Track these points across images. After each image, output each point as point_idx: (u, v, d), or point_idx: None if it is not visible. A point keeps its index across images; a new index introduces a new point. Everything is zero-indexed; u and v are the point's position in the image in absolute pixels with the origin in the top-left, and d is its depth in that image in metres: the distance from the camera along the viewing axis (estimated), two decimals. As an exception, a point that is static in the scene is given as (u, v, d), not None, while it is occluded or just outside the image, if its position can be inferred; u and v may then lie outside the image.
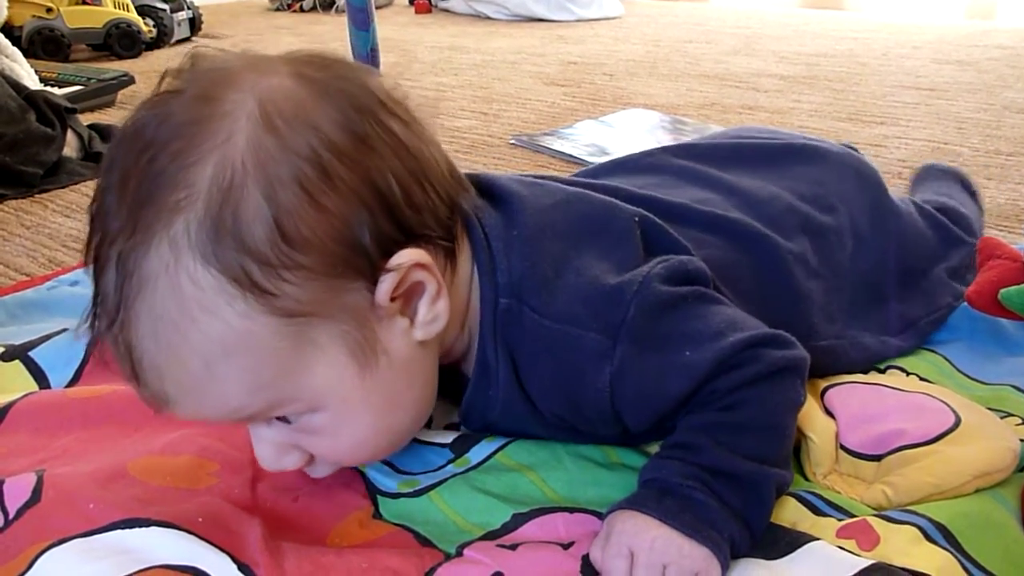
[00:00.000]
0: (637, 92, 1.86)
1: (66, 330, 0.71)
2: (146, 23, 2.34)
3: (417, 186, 0.47)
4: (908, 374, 0.68)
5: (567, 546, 0.50)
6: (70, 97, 1.54)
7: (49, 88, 1.55)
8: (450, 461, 0.56)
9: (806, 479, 0.57)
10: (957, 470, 0.53)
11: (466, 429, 0.59)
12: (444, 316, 0.49)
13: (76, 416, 0.61)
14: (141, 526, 0.48)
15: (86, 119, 1.51)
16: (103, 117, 1.67)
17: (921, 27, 2.61)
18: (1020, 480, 0.55)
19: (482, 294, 0.53)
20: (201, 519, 0.49)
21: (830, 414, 0.59)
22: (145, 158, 0.43)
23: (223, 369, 0.44)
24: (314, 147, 0.44)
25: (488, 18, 2.94)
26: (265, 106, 0.44)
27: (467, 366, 0.55)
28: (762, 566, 0.48)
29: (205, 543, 0.47)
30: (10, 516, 0.50)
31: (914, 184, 0.97)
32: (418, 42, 2.52)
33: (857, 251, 0.70)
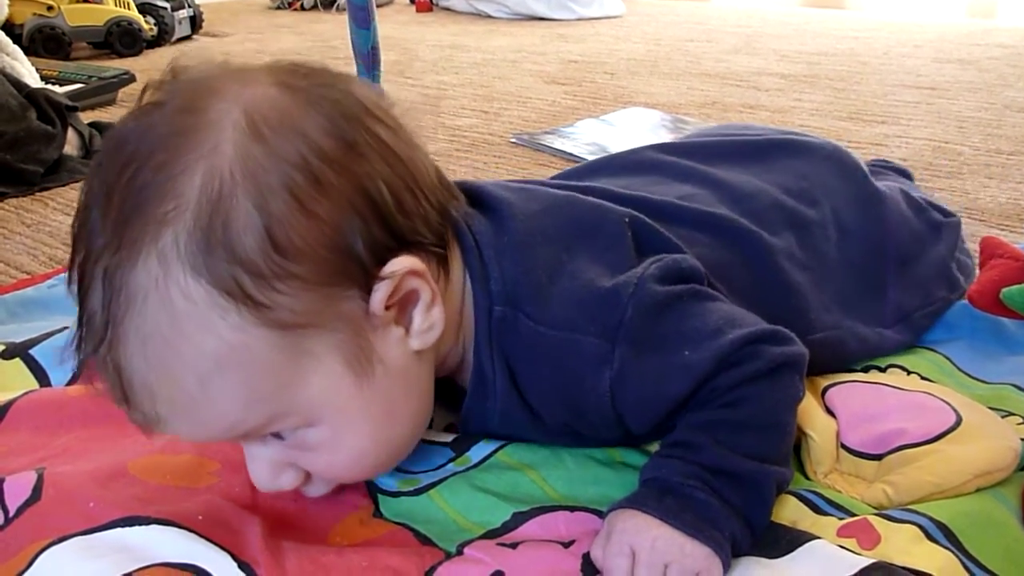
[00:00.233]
0: (638, 91, 1.86)
1: (67, 328, 0.71)
2: (147, 21, 2.34)
3: (408, 192, 0.47)
4: (909, 373, 0.68)
5: (567, 544, 0.50)
6: (71, 95, 1.55)
7: (50, 86, 1.56)
8: (451, 460, 0.56)
9: (807, 478, 0.57)
10: (958, 469, 0.53)
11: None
12: (440, 325, 0.48)
13: (76, 414, 0.61)
14: (141, 524, 0.48)
15: (87, 117, 1.51)
16: (104, 115, 1.67)
17: (922, 26, 2.61)
18: (1021, 479, 0.55)
19: (476, 302, 0.52)
20: (201, 517, 0.49)
21: (831, 413, 0.59)
22: (129, 172, 0.42)
23: (217, 385, 0.43)
24: (303, 154, 0.43)
25: (489, 16, 2.94)
26: (251, 115, 0.43)
27: (462, 377, 0.55)
28: (763, 565, 0.48)
29: (205, 541, 0.47)
30: (10, 514, 0.50)
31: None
32: (419, 40, 2.52)
33: (843, 242, 0.69)
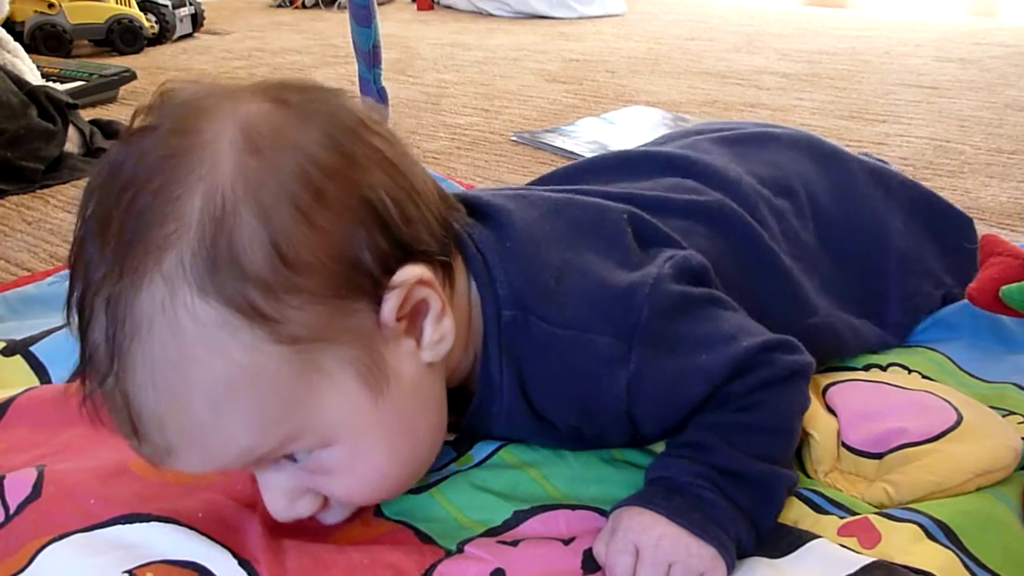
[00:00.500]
0: (639, 89, 1.86)
1: (67, 325, 0.71)
2: (148, 19, 2.34)
3: (410, 202, 0.46)
4: (910, 372, 0.68)
5: (568, 542, 0.50)
6: (72, 93, 1.54)
7: (51, 84, 1.56)
8: (452, 460, 0.56)
9: (808, 477, 0.57)
10: (958, 468, 0.53)
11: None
12: (451, 335, 0.48)
13: (77, 411, 0.61)
14: (142, 521, 0.48)
15: (88, 115, 1.51)
16: (105, 113, 1.68)
17: (923, 25, 2.60)
18: (1021, 478, 0.55)
19: (484, 309, 0.52)
20: (202, 515, 0.49)
21: (832, 411, 0.59)
22: (126, 198, 0.41)
23: (230, 408, 0.42)
24: (303, 167, 0.42)
25: (490, 15, 2.93)
26: (247, 131, 0.42)
27: (469, 387, 0.54)
28: (766, 564, 0.48)
29: (206, 539, 0.47)
30: (11, 511, 0.50)
31: None
32: (420, 39, 2.52)
33: (822, 229, 0.69)
